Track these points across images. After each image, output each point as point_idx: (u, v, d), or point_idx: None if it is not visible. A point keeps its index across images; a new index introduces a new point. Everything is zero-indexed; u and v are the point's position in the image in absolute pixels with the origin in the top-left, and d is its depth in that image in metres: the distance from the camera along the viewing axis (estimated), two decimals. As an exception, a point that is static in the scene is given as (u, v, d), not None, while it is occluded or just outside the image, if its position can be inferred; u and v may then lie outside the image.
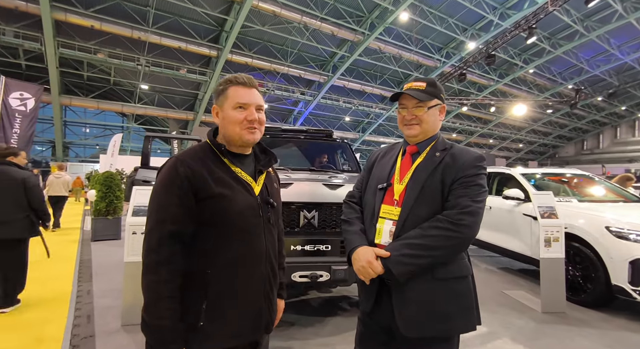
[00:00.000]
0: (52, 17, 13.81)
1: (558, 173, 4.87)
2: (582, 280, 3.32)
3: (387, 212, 1.17)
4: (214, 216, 0.96)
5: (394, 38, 19.39)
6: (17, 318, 2.85)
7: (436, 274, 1.09)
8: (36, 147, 21.92)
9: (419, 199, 1.11)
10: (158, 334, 0.88)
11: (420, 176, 1.14)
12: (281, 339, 2.55)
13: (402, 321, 1.08)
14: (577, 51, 22.92)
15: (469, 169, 1.11)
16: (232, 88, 1.05)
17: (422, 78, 1.21)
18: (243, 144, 1.06)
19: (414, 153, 1.22)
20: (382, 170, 1.26)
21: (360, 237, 1.20)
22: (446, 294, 1.08)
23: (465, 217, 1.05)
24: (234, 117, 1.03)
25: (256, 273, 1.02)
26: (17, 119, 11.22)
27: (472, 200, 1.08)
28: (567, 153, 41.74)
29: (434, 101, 1.19)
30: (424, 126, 1.19)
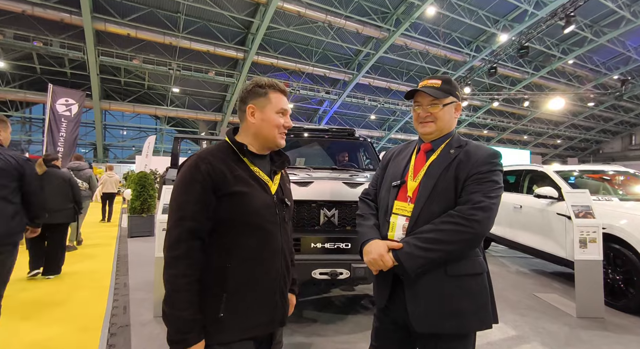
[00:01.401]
0: (93, 27, 14.76)
1: (597, 170, 4.56)
2: (624, 284, 3.11)
3: (400, 208, 1.18)
4: (233, 213, 1.00)
5: (420, 33, 18.93)
6: (63, 309, 3.10)
7: (449, 271, 1.08)
8: (80, 150, 23.50)
9: (432, 196, 1.12)
10: (176, 324, 0.93)
11: (433, 173, 1.14)
12: (303, 336, 2.60)
13: (414, 317, 1.09)
14: (624, 39, 21.23)
15: (483, 165, 1.10)
16: (274, 93, 1.11)
17: (437, 76, 1.21)
18: (275, 146, 1.13)
19: (429, 151, 1.22)
20: (397, 168, 1.27)
21: (373, 231, 1.22)
22: (459, 291, 1.08)
23: (477, 213, 1.04)
24: (276, 121, 1.10)
25: (272, 269, 1.06)
26: (63, 124, 12.12)
27: (485, 196, 1.07)
28: (612, 149, 38.78)
29: (449, 98, 1.19)
30: (439, 124, 1.19)
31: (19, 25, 14.90)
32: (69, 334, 2.58)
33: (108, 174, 8.78)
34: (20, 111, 20.45)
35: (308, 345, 2.45)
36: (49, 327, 2.68)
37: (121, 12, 15.54)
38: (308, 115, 25.94)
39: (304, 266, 2.37)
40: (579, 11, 15.66)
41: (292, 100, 22.95)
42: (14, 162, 2.29)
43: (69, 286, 3.70)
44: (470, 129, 30.67)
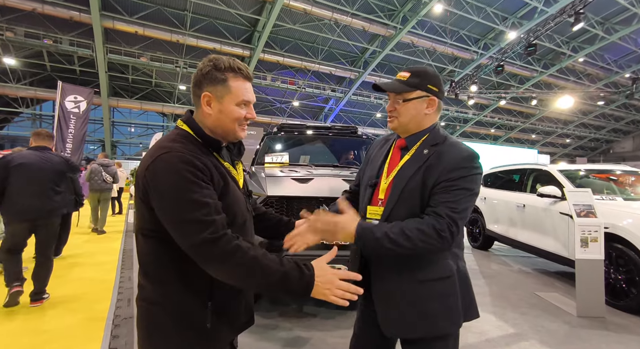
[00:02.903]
0: (102, 25, 14.93)
1: (602, 170, 4.51)
2: (625, 284, 3.09)
3: (372, 212, 1.14)
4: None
5: (427, 31, 18.78)
6: (71, 301, 3.18)
7: (418, 276, 1.06)
8: (88, 146, 23.86)
9: (400, 200, 1.07)
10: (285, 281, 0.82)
11: (404, 175, 1.09)
12: (303, 330, 2.64)
13: (383, 323, 1.10)
14: (636, 36, 20.81)
15: (454, 171, 1.01)
16: (236, 80, 0.94)
17: (410, 68, 1.13)
18: (233, 140, 1.01)
19: (403, 148, 1.16)
20: (375, 164, 1.22)
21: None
22: (427, 294, 1.06)
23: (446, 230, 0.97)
24: (237, 114, 0.95)
25: None
26: (72, 121, 12.31)
27: (452, 210, 0.98)
28: (623, 148, 38.09)
29: (415, 92, 1.08)
30: (401, 120, 1.11)
31: (29, 23, 15.14)
32: (77, 324, 2.65)
33: (120, 170, 9.23)
34: (30, 107, 20.78)
35: (307, 339, 2.49)
36: (55, 317, 2.76)
37: (129, 10, 15.69)
38: (314, 113, 25.95)
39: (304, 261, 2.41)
40: (590, 8, 15.39)
41: (298, 98, 22.98)
42: (60, 161, 3.26)
43: (76, 278, 3.79)
44: (478, 128, 30.39)
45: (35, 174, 3.04)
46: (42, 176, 3.06)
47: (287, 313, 2.94)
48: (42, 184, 3.06)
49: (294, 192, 2.62)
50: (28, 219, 3.01)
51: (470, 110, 27.30)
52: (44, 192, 3.05)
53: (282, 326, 2.69)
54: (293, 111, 24.89)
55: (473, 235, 5.88)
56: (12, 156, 3.04)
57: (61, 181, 3.25)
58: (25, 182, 2.98)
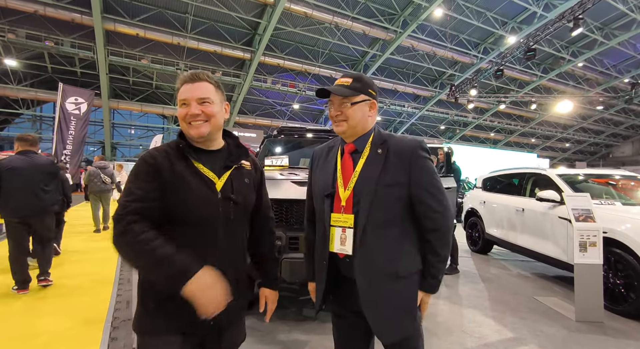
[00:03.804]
0: (103, 27, 15.01)
1: (602, 174, 4.52)
2: (624, 289, 3.09)
3: (336, 220, 1.15)
4: (168, 208, 1.00)
5: (427, 35, 18.89)
6: (69, 302, 3.18)
7: (401, 272, 1.11)
8: (88, 148, 23.85)
9: (373, 205, 1.08)
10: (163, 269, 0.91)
11: (369, 180, 1.10)
12: (302, 333, 2.63)
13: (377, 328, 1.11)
14: (635, 42, 20.95)
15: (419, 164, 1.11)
16: (181, 86, 1.07)
17: (349, 74, 1.17)
18: (191, 138, 1.08)
19: (353, 152, 1.18)
20: (325, 173, 1.21)
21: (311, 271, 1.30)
22: (409, 290, 1.13)
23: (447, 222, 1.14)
24: (180, 114, 1.07)
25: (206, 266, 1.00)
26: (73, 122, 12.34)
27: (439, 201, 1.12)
28: (622, 153, 38.19)
29: (360, 96, 1.13)
30: (350, 123, 1.14)
31: (31, 25, 15.21)
32: (74, 326, 2.65)
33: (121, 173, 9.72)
34: (31, 109, 20.82)
35: (306, 342, 2.49)
36: (54, 319, 2.76)
37: (131, 12, 15.78)
38: (314, 116, 26.01)
39: (302, 264, 2.41)
40: (589, 13, 15.52)
41: (298, 101, 23.05)
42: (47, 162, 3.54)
43: (75, 279, 3.78)
44: (477, 132, 30.47)
45: (26, 177, 3.33)
46: (31, 177, 3.36)
47: (286, 316, 2.94)
48: (33, 185, 3.36)
49: (294, 195, 2.63)
50: (23, 216, 3.32)
51: (469, 114, 27.38)
52: (34, 192, 3.36)
53: (281, 329, 2.69)
54: (293, 114, 24.96)
55: (472, 239, 5.88)
56: (2, 162, 3.34)
57: (49, 181, 3.53)
58: (17, 184, 3.27)
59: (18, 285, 3.30)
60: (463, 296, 3.59)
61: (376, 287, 1.09)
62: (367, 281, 1.10)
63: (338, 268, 1.19)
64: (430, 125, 28.51)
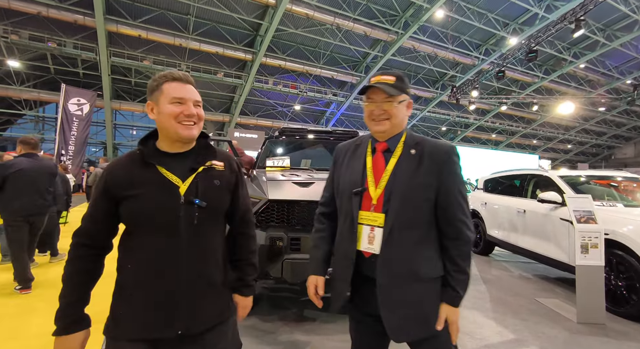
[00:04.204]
0: (106, 28, 15.07)
1: (604, 176, 4.52)
2: (626, 291, 3.08)
3: (365, 217, 1.14)
4: (128, 217, 1.02)
5: (428, 36, 18.90)
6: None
7: (424, 274, 1.10)
8: (90, 149, 23.94)
9: (403, 205, 1.09)
10: (60, 308, 1.02)
11: (401, 179, 1.10)
12: (303, 334, 2.63)
13: (391, 328, 1.10)
14: (637, 43, 20.89)
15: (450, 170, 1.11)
16: (167, 84, 1.04)
17: (390, 72, 1.17)
18: (180, 139, 1.05)
19: (386, 151, 1.17)
20: (353, 171, 1.20)
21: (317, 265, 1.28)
22: (429, 294, 1.11)
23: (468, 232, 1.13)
24: (171, 111, 1.01)
25: (170, 273, 1.00)
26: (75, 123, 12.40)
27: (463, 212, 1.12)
28: (625, 154, 38.05)
29: (403, 95, 1.15)
30: (393, 121, 1.14)
31: (34, 26, 15.29)
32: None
33: None
34: (33, 109, 20.91)
35: (307, 343, 2.49)
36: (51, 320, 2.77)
37: (133, 14, 15.84)
38: (315, 117, 26.03)
39: (304, 265, 2.42)
40: (591, 15, 15.49)
41: (299, 102, 23.08)
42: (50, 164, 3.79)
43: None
44: (479, 133, 30.43)
45: (33, 178, 3.52)
46: (38, 179, 3.58)
47: (287, 317, 2.94)
48: (39, 186, 3.57)
49: (295, 196, 2.63)
50: (28, 216, 3.48)
51: (471, 115, 27.36)
52: (39, 192, 3.57)
53: (282, 329, 2.69)
54: (294, 115, 24.98)
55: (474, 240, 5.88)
56: (10, 163, 3.50)
57: (52, 182, 3.78)
58: (24, 185, 3.45)
59: (21, 284, 3.35)
60: (464, 298, 3.58)
61: (396, 288, 1.09)
62: (388, 281, 1.09)
63: (358, 268, 1.17)
64: (431, 126, 28.50)
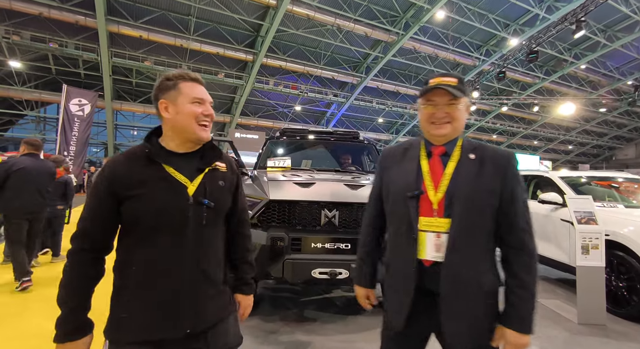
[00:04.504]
0: (107, 29, 15.11)
1: (605, 177, 4.52)
2: (627, 292, 3.08)
3: (427, 224, 1.07)
4: (132, 216, 0.98)
5: (429, 37, 18.90)
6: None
7: (486, 286, 1.05)
8: (91, 149, 23.99)
9: (469, 210, 1.04)
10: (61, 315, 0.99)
11: (464, 183, 1.05)
12: (303, 334, 2.64)
13: (453, 339, 1.05)
14: (638, 44, 20.88)
15: (511, 176, 1.06)
16: (185, 83, 1.04)
17: (451, 74, 1.13)
18: (195, 140, 1.06)
19: (443, 155, 1.12)
20: (406, 174, 1.13)
21: (367, 279, 1.32)
22: (491, 306, 1.06)
23: (531, 243, 1.06)
24: (192, 111, 1.02)
25: (175, 273, 1.00)
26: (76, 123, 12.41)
27: (526, 220, 1.06)
28: (626, 155, 38.01)
29: (464, 98, 1.10)
30: (454, 125, 1.09)
31: (35, 27, 15.33)
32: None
33: None
34: (35, 110, 20.97)
35: (307, 343, 2.50)
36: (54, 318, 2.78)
37: (134, 14, 15.88)
38: (316, 117, 26.05)
39: (304, 265, 2.43)
40: (592, 15, 15.48)
41: (300, 102, 23.10)
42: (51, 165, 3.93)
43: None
44: (479, 134, 30.42)
45: (34, 177, 3.63)
46: (39, 178, 3.69)
47: (288, 317, 2.95)
48: (39, 185, 3.69)
49: (296, 196, 2.64)
50: (28, 213, 3.59)
51: (472, 116, 27.33)
52: (40, 191, 3.69)
53: (283, 330, 2.70)
54: (295, 116, 25.01)
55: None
56: (12, 162, 3.59)
57: (51, 182, 3.92)
58: (25, 183, 3.55)
59: (22, 277, 3.42)
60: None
61: (461, 298, 1.03)
62: (452, 292, 1.03)
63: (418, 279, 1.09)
64: (432, 127, 28.46)
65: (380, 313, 1.28)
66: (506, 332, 1.03)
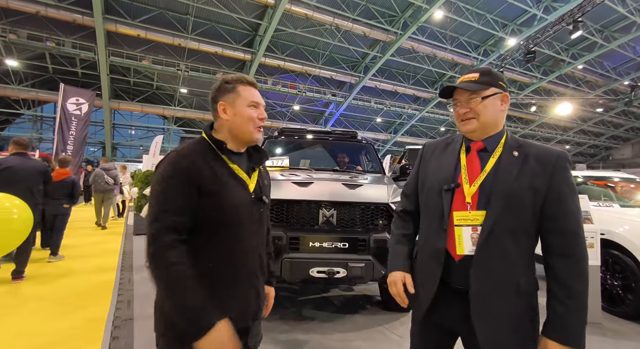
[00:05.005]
0: (105, 28, 15.04)
1: (601, 177, 4.55)
2: (622, 290, 3.11)
3: (463, 218, 1.05)
4: (209, 211, 0.98)
5: (427, 37, 18.93)
6: (71, 301, 3.20)
7: (522, 287, 1.01)
8: (89, 148, 23.89)
9: (506, 206, 1.00)
10: (186, 314, 0.89)
11: (503, 179, 1.02)
12: (301, 333, 2.65)
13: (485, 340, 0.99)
14: (635, 44, 20.99)
15: (562, 176, 1.01)
16: (243, 87, 1.10)
17: (475, 69, 1.11)
18: (250, 141, 1.12)
19: (482, 151, 1.09)
20: (443, 167, 1.13)
21: (403, 261, 1.20)
22: (528, 309, 1.02)
23: (581, 248, 0.99)
24: (250, 115, 1.08)
25: (245, 267, 1.06)
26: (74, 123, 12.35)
27: (576, 221, 1.00)
28: (622, 155, 38.21)
29: (490, 89, 1.05)
30: (481, 120, 1.06)
31: (32, 25, 15.25)
32: (76, 325, 2.67)
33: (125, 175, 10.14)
34: (32, 109, 20.86)
35: (305, 342, 2.51)
36: (55, 318, 2.78)
37: (132, 13, 15.82)
38: (314, 117, 26.04)
39: (302, 264, 2.44)
40: (589, 16, 15.54)
41: (298, 102, 23.09)
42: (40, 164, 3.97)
43: (76, 279, 3.80)
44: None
45: (22, 176, 3.71)
46: (27, 177, 3.77)
47: (286, 316, 2.96)
48: (28, 184, 3.76)
49: (294, 195, 2.65)
50: None
51: (470, 115, 27.40)
52: (29, 190, 3.75)
53: (281, 328, 2.71)
54: (293, 115, 24.99)
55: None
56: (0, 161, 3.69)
57: (40, 181, 3.92)
58: (14, 182, 3.60)
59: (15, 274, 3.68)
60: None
61: (493, 297, 0.99)
62: (483, 289, 1.00)
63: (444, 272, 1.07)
64: (430, 126, 28.55)
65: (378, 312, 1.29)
66: (550, 344, 0.96)
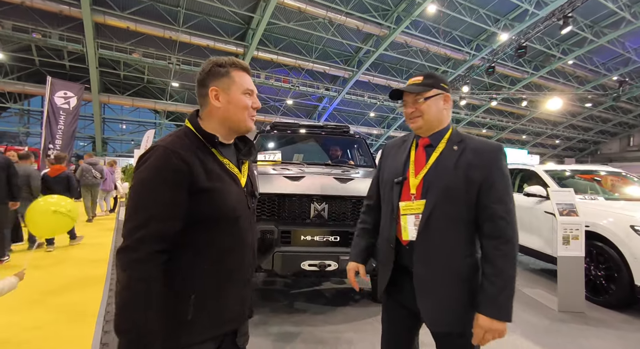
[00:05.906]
0: (93, 20, 14.69)
1: (587, 170, 4.65)
2: (605, 280, 3.21)
3: (407, 207, 1.17)
4: (206, 210, 0.91)
5: (421, 31, 18.91)
6: (62, 296, 3.18)
7: (459, 271, 1.12)
8: (78, 143, 23.48)
9: (443, 196, 1.11)
10: (136, 335, 0.81)
11: (442, 172, 1.13)
12: (293, 325, 2.69)
13: (427, 316, 1.13)
14: (624, 40, 21.27)
15: (495, 167, 1.10)
16: (237, 72, 1.00)
17: (420, 73, 1.24)
18: (244, 131, 1.05)
19: (427, 146, 1.21)
20: (396, 163, 1.26)
21: (358, 253, 1.36)
22: (467, 289, 1.11)
23: (510, 231, 1.08)
24: (245, 103, 0.99)
25: (244, 263, 1.03)
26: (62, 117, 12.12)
27: (506, 209, 1.08)
28: (610, 150, 38.91)
29: (433, 91, 1.17)
30: (426, 118, 1.17)
31: (17, 16, 14.83)
32: (68, 320, 2.66)
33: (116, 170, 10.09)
34: (18, 102, 20.38)
35: (297, 334, 2.54)
36: (46, 312, 2.77)
37: (121, 5, 15.47)
38: (307, 111, 25.94)
39: (294, 257, 2.46)
40: (579, 11, 15.68)
41: (291, 96, 22.96)
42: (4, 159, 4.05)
43: (67, 274, 3.78)
44: (469, 128, 30.73)
45: None
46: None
47: (278, 309, 2.99)
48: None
49: (286, 189, 2.66)
50: None
51: (462, 110, 27.59)
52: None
53: (272, 321, 2.74)
54: (287, 109, 24.85)
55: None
56: None
57: (5, 173, 4.04)
58: None
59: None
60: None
61: (431, 278, 1.11)
62: (424, 271, 1.12)
63: (396, 256, 1.21)
64: (423, 121, 28.64)
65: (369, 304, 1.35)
66: (479, 318, 1.06)
